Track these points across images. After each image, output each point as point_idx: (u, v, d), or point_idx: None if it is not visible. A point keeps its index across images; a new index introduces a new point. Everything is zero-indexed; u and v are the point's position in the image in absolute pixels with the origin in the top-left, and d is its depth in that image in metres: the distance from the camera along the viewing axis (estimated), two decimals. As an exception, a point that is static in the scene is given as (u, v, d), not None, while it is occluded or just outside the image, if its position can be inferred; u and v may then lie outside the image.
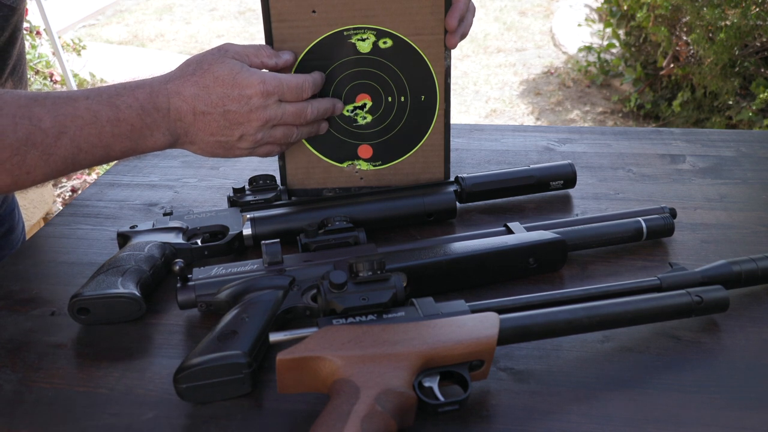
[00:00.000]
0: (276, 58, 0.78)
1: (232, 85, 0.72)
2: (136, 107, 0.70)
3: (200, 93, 0.72)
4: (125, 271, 0.71)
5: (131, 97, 0.70)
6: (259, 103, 0.73)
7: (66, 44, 3.47)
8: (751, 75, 2.82)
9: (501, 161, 1.00)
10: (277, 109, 0.74)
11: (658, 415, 0.56)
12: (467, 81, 4.19)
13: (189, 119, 0.72)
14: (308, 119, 0.77)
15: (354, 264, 0.62)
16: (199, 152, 0.76)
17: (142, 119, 0.70)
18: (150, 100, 0.71)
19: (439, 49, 0.81)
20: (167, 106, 0.71)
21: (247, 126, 0.73)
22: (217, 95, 0.72)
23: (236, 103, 0.72)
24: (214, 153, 0.76)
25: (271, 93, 0.73)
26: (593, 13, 4.63)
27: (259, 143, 0.76)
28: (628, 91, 3.72)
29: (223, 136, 0.74)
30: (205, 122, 0.72)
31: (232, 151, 0.76)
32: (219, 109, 0.72)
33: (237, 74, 0.72)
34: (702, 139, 1.05)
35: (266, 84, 0.73)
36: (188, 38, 5.21)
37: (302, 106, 0.76)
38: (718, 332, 0.65)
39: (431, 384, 0.56)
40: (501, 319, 0.59)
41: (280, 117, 0.75)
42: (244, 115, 0.73)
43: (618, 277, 0.72)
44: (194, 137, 0.74)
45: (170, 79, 0.73)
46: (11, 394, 0.61)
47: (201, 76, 0.72)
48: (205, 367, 0.58)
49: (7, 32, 0.83)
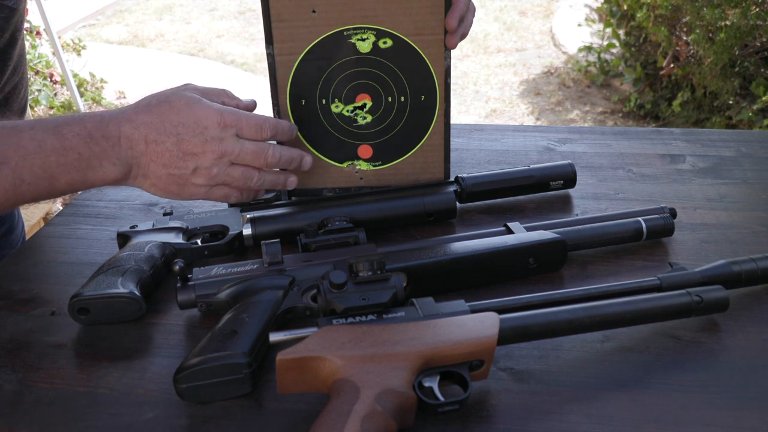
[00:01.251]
0: (236, 100, 0.76)
1: (188, 113, 0.69)
2: (84, 135, 0.67)
3: (153, 120, 0.69)
4: (125, 271, 0.71)
5: (79, 125, 0.67)
6: (215, 134, 0.69)
7: (66, 44, 3.47)
8: (751, 75, 2.82)
9: (501, 161, 1.00)
10: (234, 143, 0.70)
11: (658, 415, 0.56)
12: (467, 81, 4.19)
13: (141, 148, 0.69)
14: (269, 163, 0.73)
15: (354, 264, 0.62)
16: (153, 189, 0.72)
17: (89, 148, 0.67)
18: (99, 129, 0.68)
19: (439, 49, 0.81)
20: (118, 134, 0.68)
21: (201, 158, 0.70)
22: (170, 123, 0.69)
23: (190, 132, 0.69)
24: (168, 189, 0.72)
25: (228, 125, 0.70)
26: (593, 13, 4.63)
27: (215, 180, 0.72)
28: (628, 91, 3.72)
29: (177, 169, 0.70)
30: (157, 152, 0.69)
31: (187, 189, 0.72)
32: (172, 138, 0.69)
33: (194, 104, 0.70)
34: (702, 139, 1.05)
35: (224, 115, 0.70)
36: (188, 38, 5.21)
37: (262, 147, 0.72)
38: (718, 332, 0.65)
39: (431, 384, 0.56)
40: (501, 319, 0.59)
41: (237, 153, 0.71)
42: (198, 145, 0.69)
43: (618, 277, 0.72)
44: (147, 169, 0.70)
45: (124, 110, 0.70)
46: (11, 394, 0.61)
47: (156, 105, 0.70)
48: (205, 367, 0.58)
49: (8, 33, 0.83)
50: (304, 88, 0.82)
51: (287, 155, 0.75)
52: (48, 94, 3.13)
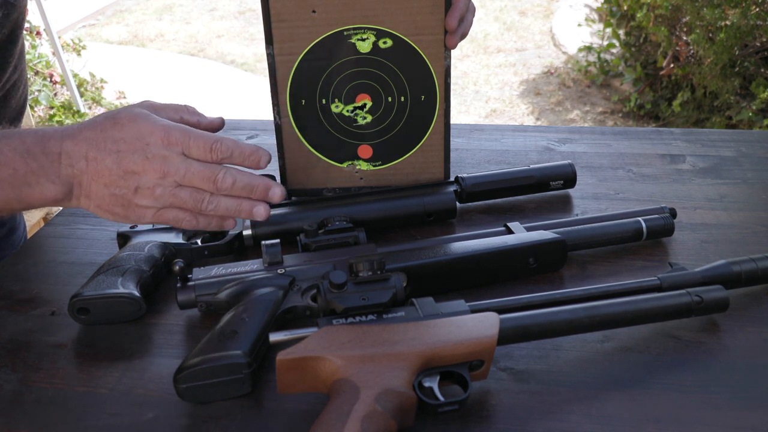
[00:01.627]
0: (198, 117, 0.72)
1: (130, 129, 0.64)
2: (21, 150, 0.64)
3: (95, 137, 0.64)
4: (125, 271, 0.71)
5: (18, 140, 0.64)
6: (158, 151, 0.64)
7: (66, 44, 3.47)
8: (751, 75, 2.82)
9: (501, 161, 1.00)
10: (179, 163, 0.64)
11: (658, 415, 0.56)
12: (467, 81, 4.19)
13: (81, 165, 0.64)
14: (220, 187, 0.65)
15: (354, 264, 0.62)
16: (98, 211, 0.67)
17: (26, 164, 0.63)
18: (39, 144, 0.64)
19: (439, 49, 0.81)
20: (58, 151, 0.64)
21: (143, 176, 0.64)
22: (112, 139, 0.64)
23: (131, 148, 0.64)
24: (113, 211, 0.67)
25: (172, 143, 0.64)
26: (593, 13, 4.63)
27: (161, 202, 0.66)
28: (628, 91, 3.72)
29: (118, 188, 0.65)
30: (97, 170, 0.64)
31: (132, 210, 0.66)
32: (112, 156, 0.64)
33: (139, 119, 0.65)
34: (702, 139, 1.05)
35: (169, 132, 0.64)
36: (188, 38, 5.21)
37: (212, 169, 0.65)
38: (718, 332, 0.65)
39: (431, 384, 0.56)
40: (501, 319, 0.59)
41: (182, 174, 0.64)
42: (139, 163, 0.64)
43: (618, 277, 0.72)
44: (89, 189, 0.65)
45: (70, 126, 0.66)
46: (11, 394, 0.61)
47: (101, 122, 0.65)
48: (205, 367, 0.58)
49: (7, 29, 0.82)
50: (304, 88, 0.82)
51: (244, 181, 0.66)
52: (48, 95, 3.13)
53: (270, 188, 0.68)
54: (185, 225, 0.68)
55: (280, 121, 0.84)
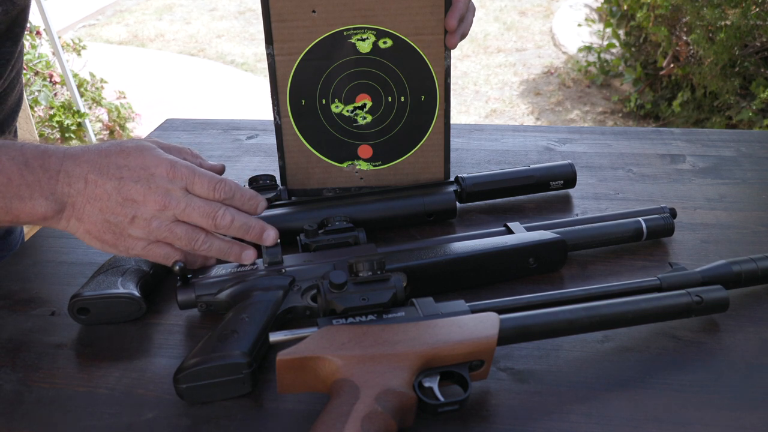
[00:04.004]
0: (200, 160, 0.73)
1: (136, 158, 0.64)
2: (20, 161, 0.62)
3: (99, 160, 0.64)
4: (125, 271, 0.71)
5: (17, 150, 0.63)
6: (161, 183, 0.64)
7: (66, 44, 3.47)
8: (751, 75, 2.82)
9: (501, 161, 1.00)
10: (181, 197, 0.64)
11: (658, 415, 0.56)
12: (467, 81, 4.19)
13: (79, 186, 0.64)
14: (219, 224, 0.66)
15: (354, 264, 0.62)
16: (87, 237, 0.66)
17: (22, 175, 0.62)
18: (39, 158, 0.63)
19: (439, 49, 0.81)
20: (58, 169, 0.63)
21: (142, 207, 0.64)
22: (115, 165, 0.64)
23: (135, 176, 0.64)
24: (102, 238, 0.65)
25: (177, 177, 0.64)
26: (593, 13, 4.63)
27: (155, 235, 0.65)
28: (628, 91, 3.72)
29: (113, 215, 0.64)
30: (95, 193, 0.64)
31: (123, 240, 0.65)
32: (114, 181, 0.63)
33: (145, 150, 0.65)
34: (702, 139, 1.05)
35: (174, 166, 0.64)
36: (188, 38, 5.21)
37: (213, 206, 0.66)
38: (718, 332, 0.65)
39: (431, 384, 0.56)
40: (501, 319, 0.59)
41: (182, 208, 0.64)
42: (140, 191, 0.63)
43: (618, 277, 0.72)
44: (81, 212, 0.64)
45: (72, 147, 0.66)
46: (11, 394, 0.61)
47: (106, 148, 0.65)
48: (205, 367, 0.58)
49: (4, 25, 0.82)
50: (304, 88, 0.82)
51: (242, 221, 0.67)
52: (48, 95, 3.13)
53: (265, 230, 0.69)
54: (169, 262, 0.67)
55: (280, 121, 0.84)
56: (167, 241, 0.66)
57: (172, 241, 0.66)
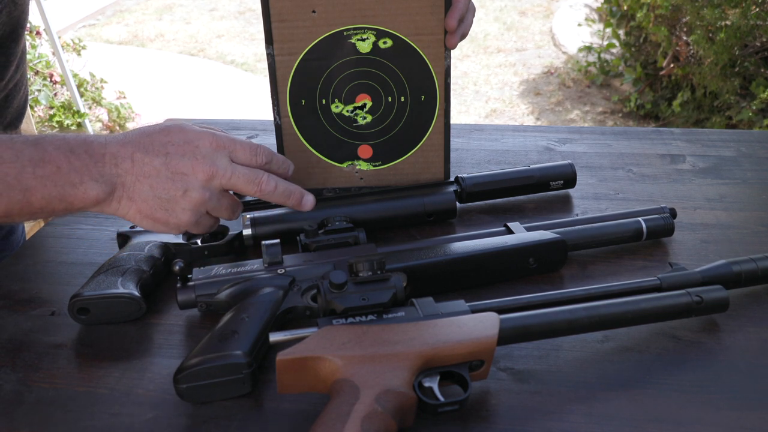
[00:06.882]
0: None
1: (178, 134, 0.67)
2: (65, 149, 0.64)
3: (142, 140, 0.66)
4: (125, 271, 0.71)
5: (61, 140, 0.65)
6: (207, 153, 0.66)
7: (66, 44, 3.47)
8: (751, 75, 2.82)
9: (501, 161, 1.00)
10: (227, 165, 0.67)
11: (658, 415, 0.56)
12: (467, 81, 4.19)
13: (126, 166, 0.65)
14: (263, 190, 0.69)
15: (354, 264, 0.62)
16: (137, 216, 0.67)
17: (69, 162, 0.64)
18: (83, 145, 0.65)
19: (439, 49, 0.81)
20: (102, 152, 0.65)
21: (191, 178, 0.66)
22: (159, 143, 0.66)
23: (180, 151, 0.66)
24: (154, 216, 0.67)
25: (221, 146, 0.67)
26: (593, 13, 4.63)
27: (205, 206, 0.68)
28: (628, 91, 3.72)
29: (164, 191, 0.66)
30: (144, 171, 0.65)
31: (174, 215, 0.67)
32: (161, 157, 0.65)
33: (185, 126, 0.68)
34: (702, 139, 1.05)
35: (216, 136, 0.67)
36: (188, 38, 5.21)
37: (257, 173, 0.69)
38: (718, 332, 0.65)
39: (431, 384, 0.56)
40: (501, 319, 0.59)
41: (229, 176, 0.67)
42: (188, 165, 0.66)
43: (618, 277, 0.72)
44: (132, 190, 0.66)
45: (111, 134, 0.68)
46: (11, 394, 0.61)
47: (146, 129, 0.68)
48: (205, 367, 0.58)
49: (8, 27, 0.82)
50: (304, 88, 0.82)
51: (284, 186, 0.71)
52: (48, 94, 3.13)
53: (304, 195, 0.74)
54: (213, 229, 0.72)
55: (280, 121, 0.84)
56: (214, 212, 0.69)
57: (218, 212, 0.70)
